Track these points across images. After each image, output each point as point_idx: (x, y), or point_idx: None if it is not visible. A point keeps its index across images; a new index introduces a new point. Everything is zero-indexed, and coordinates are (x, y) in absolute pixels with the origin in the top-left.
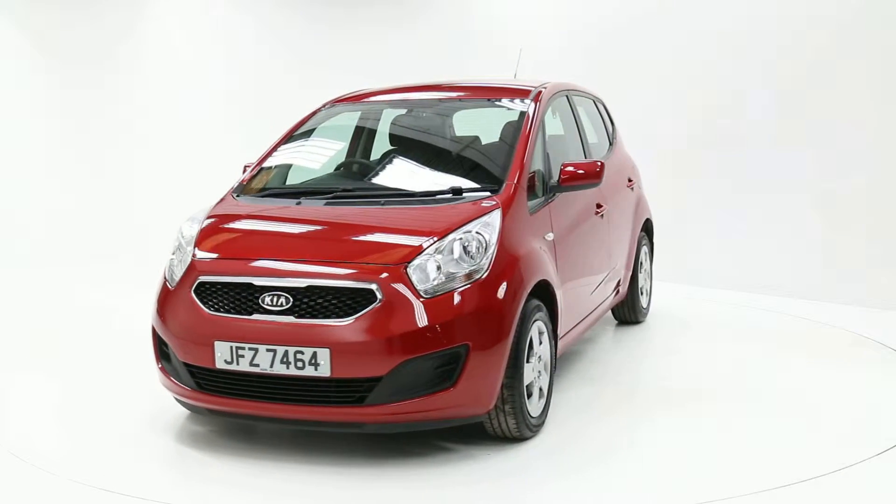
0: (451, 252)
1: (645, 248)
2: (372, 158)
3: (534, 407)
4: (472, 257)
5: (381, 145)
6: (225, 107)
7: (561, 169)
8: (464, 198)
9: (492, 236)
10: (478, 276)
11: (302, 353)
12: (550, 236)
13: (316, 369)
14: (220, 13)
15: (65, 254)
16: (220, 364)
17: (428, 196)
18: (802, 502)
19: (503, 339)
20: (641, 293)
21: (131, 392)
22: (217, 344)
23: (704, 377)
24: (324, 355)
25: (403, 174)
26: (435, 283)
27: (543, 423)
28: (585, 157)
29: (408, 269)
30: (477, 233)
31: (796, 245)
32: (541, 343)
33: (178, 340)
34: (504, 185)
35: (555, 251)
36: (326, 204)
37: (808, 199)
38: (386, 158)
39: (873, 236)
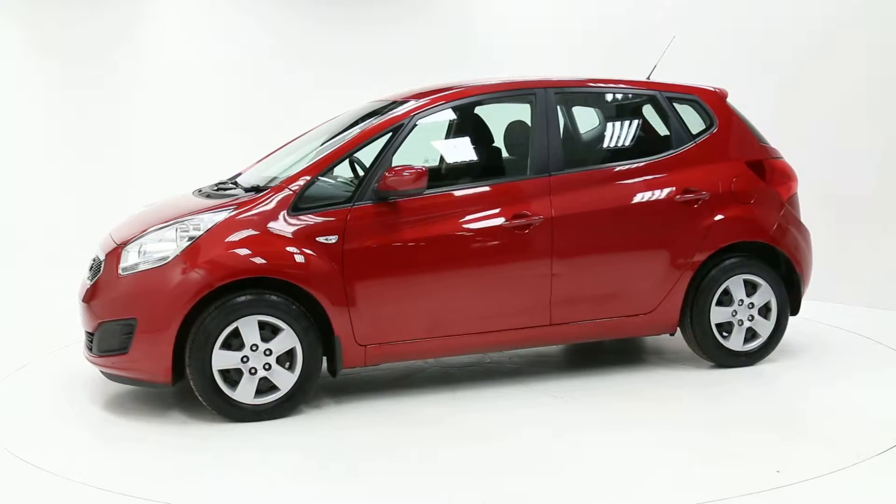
0: (159, 239)
1: (746, 276)
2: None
3: (240, 393)
4: (174, 246)
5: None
6: (225, 107)
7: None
8: (240, 195)
9: (199, 229)
10: (163, 263)
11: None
12: (332, 239)
13: (83, 321)
14: (219, 13)
15: (64, 254)
16: None
17: (251, 191)
18: (803, 502)
19: (170, 322)
20: (722, 332)
21: (131, 391)
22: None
23: (700, 376)
24: (82, 310)
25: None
26: (134, 262)
27: (278, 414)
28: (549, 163)
29: (123, 249)
30: (193, 225)
31: None
32: (273, 339)
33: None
34: (271, 186)
35: (341, 254)
36: (198, 195)
37: (809, 198)
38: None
39: (874, 236)
